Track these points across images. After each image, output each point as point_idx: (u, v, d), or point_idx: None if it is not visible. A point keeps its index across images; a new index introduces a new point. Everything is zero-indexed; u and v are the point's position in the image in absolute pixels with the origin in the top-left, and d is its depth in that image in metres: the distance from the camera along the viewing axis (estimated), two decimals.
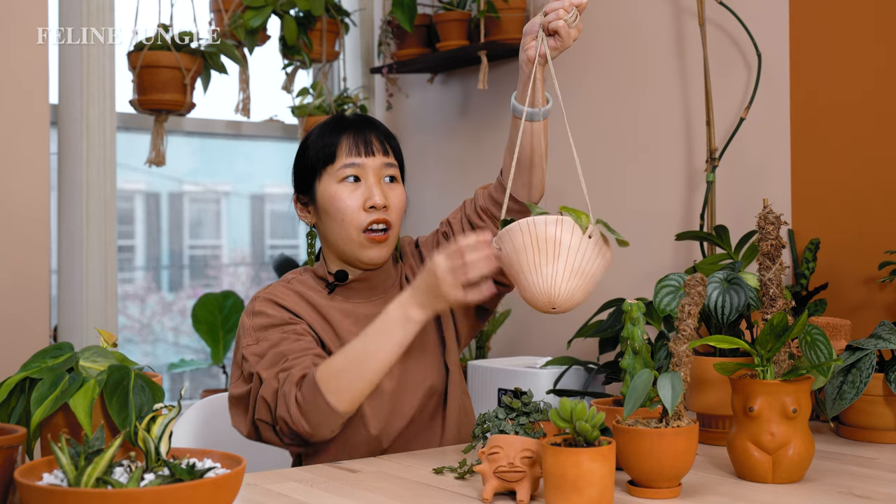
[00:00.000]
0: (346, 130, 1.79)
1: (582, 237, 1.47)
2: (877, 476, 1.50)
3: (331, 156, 1.77)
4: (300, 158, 1.84)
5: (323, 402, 1.59)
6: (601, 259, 1.52)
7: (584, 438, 1.27)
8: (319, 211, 1.80)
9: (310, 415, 1.60)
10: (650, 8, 2.74)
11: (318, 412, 1.60)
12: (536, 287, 1.49)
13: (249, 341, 1.72)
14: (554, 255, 1.46)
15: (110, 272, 2.95)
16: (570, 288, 1.48)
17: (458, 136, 3.37)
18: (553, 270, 1.47)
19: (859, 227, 2.25)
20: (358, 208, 1.75)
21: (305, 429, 1.61)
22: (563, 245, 1.45)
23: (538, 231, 1.47)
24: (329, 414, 1.60)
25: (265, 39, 3.21)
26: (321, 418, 1.60)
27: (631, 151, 2.80)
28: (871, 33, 2.25)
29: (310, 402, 1.60)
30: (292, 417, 1.61)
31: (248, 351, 1.71)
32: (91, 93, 2.92)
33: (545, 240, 1.46)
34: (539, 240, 1.46)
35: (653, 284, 1.82)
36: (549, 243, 1.46)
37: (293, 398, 1.61)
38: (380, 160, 1.78)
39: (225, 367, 3.52)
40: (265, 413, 1.65)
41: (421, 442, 1.81)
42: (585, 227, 1.48)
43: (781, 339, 1.45)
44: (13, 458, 1.14)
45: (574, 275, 1.47)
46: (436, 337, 1.86)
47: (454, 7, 3.21)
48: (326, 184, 1.77)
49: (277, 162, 3.93)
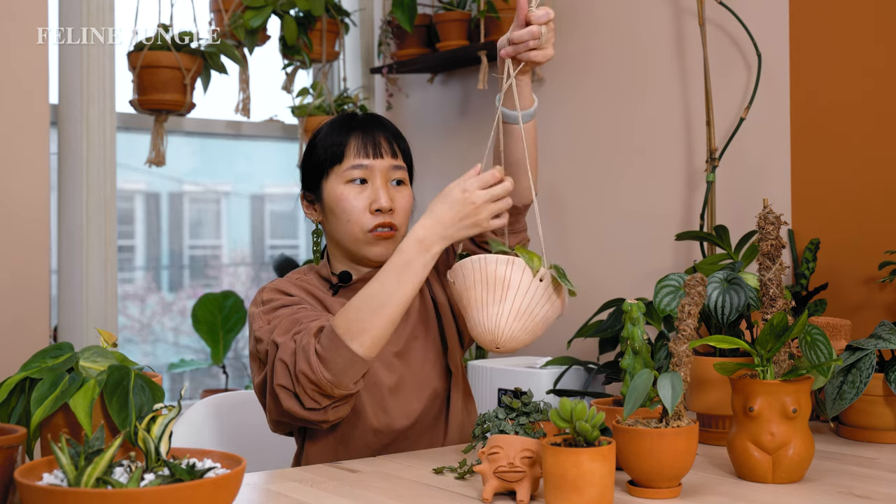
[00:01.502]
0: (356, 130, 1.78)
1: (532, 280, 1.45)
2: (877, 476, 1.50)
3: (339, 155, 1.77)
4: (308, 156, 1.83)
5: (343, 347, 1.54)
6: (550, 305, 1.51)
7: (584, 438, 1.27)
8: (326, 210, 1.80)
9: (331, 363, 1.55)
10: (650, 8, 2.74)
11: (339, 359, 1.54)
12: (482, 325, 1.49)
13: (261, 324, 1.69)
14: (501, 295, 1.45)
15: (110, 272, 2.95)
16: (513, 329, 1.47)
17: (458, 136, 3.37)
18: (499, 310, 1.46)
19: (859, 227, 2.25)
20: (364, 210, 1.74)
21: (328, 378, 1.55)
22: (512, 286, 1.44)
23: (488, 269, 1.46)
24: (351, 360, 1.54)
25: (265, 39, 3.21)
26: (343, 365, 1.55)
27: (631, 151, 2.81)
28: (871, 33, 2.25)
29: (329, 350, 1.55)
30: (313, 369, 1.55)
31: (261, 332, 1.68)
32: (91, 93, 2.92)
33: (494, 279, 1.45)
34: (488, 278, 1.46)
35: (653, 284, 1.82)
36: (497, 283, 1.45)
37: (312, 350, 1.56)
38: (388, 162, 1.77)
39: (225, 366, 3.52)
40: (284, 377, 1.60)
41: (423, 444, 1.81)
42: (537, 270, 1.45)
43: (781, 339, 1.45)
44: (13, 458, 1.14)
45: (519, 316, 1.46)
46: (438, 340, 1.86)
47: (454, 7, 3.21)
48: (333, 184, 1.77)
49: (277, 162, 3.93)
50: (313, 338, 1.59)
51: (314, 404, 1.60)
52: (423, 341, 1.83)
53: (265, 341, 1.66)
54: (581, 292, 2.69)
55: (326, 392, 1.58)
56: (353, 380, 1.58)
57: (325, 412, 1.62)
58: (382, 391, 1.76)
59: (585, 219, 2.91)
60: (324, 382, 1.56)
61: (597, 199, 2.89)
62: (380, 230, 1.75)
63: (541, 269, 1.47)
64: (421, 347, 1.83)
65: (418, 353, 1.82)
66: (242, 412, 2.06)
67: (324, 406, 1.61)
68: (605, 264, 2.85)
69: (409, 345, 1.82)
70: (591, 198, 2.91)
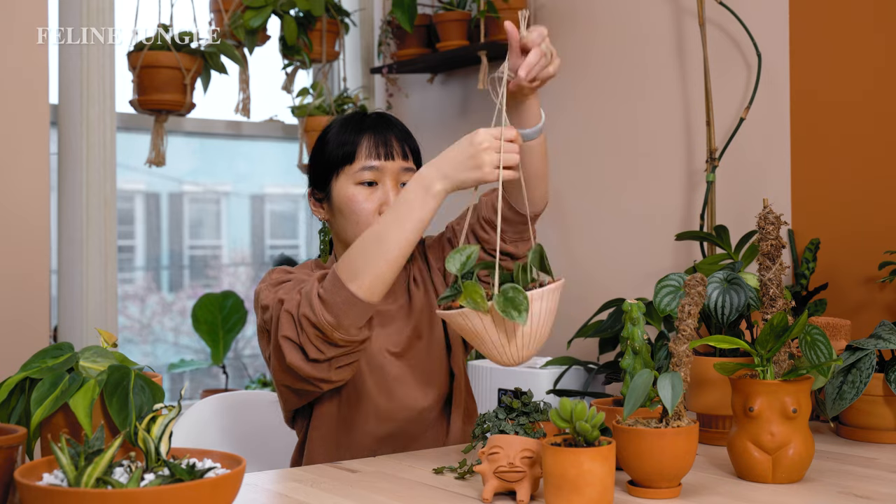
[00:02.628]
0: (367, 131, 1.78)
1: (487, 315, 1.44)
2: (877, 476, 1.50)
3: (350, 155, 1.77)
4: (318, 154, 1.82)
5: (343, 288, 1.53)
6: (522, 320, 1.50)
7: (584, 438, 1.27)
8: (334, 209, 1.79)
9: (332, 305, 1.53)
10: (650, 8, 2.74)
11: (339, 300, 1.53)
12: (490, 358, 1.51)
13: (267, 294, 1.67)
14: (480, 340, 1.47)
15: (110, 272, 2.95)
16: (511, 355, 1.48)
17: (459, 136, 3.33)
18: (488, 350, 1.48)
19: (859, 227, 2.25)
20: (373, 212, 1.74)
21: (328, 319, 1.53)
22: (479, 331, 1.46)
23: (457, 323, 1.48)
24: (350, 300, 1.53)
25: (265, 39, 3.21)
26: (343, 306, 1.53)
27: (631, 152, 2.81)
28: (871, 33, 2.25)
29: (331, 292, 1.54)
30: (314, 311, 1.54)
31: (269, 300, 1.65)
32: (91, 93, 2.92)
33: (464, 330, 1.48)
34: (462, 330, 1.48)
35: (653, 284, 1.82)
36: (468, 332, 1.47)
37: (315, 293, 1.55)
38: (398, 164, 1.77)
39: (225, 366, 3.52)
40: (289, 326, 1.58)
41: (425, 443, 1.81)
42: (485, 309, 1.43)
43: (781, 339, 1.45)
44: (13, 458, 1.14)
45: (505, 347, 1.47)
46: (442, 341, 1.86)
47: (454, 7, 3.21)
48: (343, 184, 1.77)
49: (277, 162, 3.93)
50: (317, 282, 1.58)
51: (318, 354, 1.57)
52: (426, 341, 1.83)
53: (272, 307, 1.64)
54: (581, 292, 2.70)
55: (328, 336, 1.55)
56: (356, 324, 1.55)
57: (329, 366, 1.59)
58: (387, 378, 1.76)
59: (585, 219, 2.91)
60: (325, 325, 1.54)
61: (597, 200, 2.89)
62: None
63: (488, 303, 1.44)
64: (424, 347, 1.83)
65: (421, 353, 1.82)
66: (242, 412, 2.06)
67: (328, 357, 1.58)
68: (605, 264, 2.85)
69: (412, 344, 1.82)
70: (591, 198, 2.91)
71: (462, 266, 1.46)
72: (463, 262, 1.46)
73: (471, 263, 1.46)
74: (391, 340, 1.80)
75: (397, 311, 1.83)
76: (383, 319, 1.81)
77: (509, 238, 1.76)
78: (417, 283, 1.87)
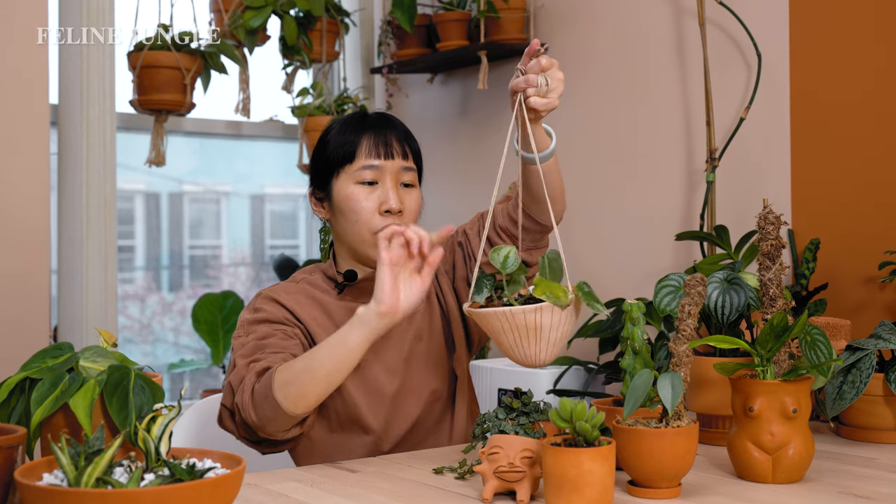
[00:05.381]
0: (367, 130, 1.78)
1: (562, 313, 1.46)
2: (877, 476, 1.50)
3: (350, 155, 1.77)
4: (319, 154, 1.83)
5: (272, 397, 1.56)
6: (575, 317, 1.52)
7: (584, 438, 1.27)
8: (334, 208, 1.79)
9: (258, 407, 1.58)
10: (650, 8, 2.74)
11: (266, 406, 1.57)
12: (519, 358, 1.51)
13: (240, 332, 1.74)
14: (536, 337, 1.47)
15: (110, 272, 2.95)
16: (551, 355, 1.50)
17: (458, 136, 3.37)
18: (536, 349, 1.48)
19: (859, 227, 2.25)
20: (373, 211, 1.74)
21: (253, 419, 1.59)
22: (544, 328, 1.46)
23: (517, 320, 1.46)
24: (276, 411, 1.56)
25: (265, 39, 3.21)
26: (268, 413, 1.57)
27: (631, 151, 2.81)
28: (871, 33, 2.25)
29: (261, 395, 1.58)
30: (244, 406, 1.59)
31: (237, 342, 1.72)
32: (91, 93, 2.92)
33: (525, 327, 1.46)
34: (519, 327, 1.47)
35: (653, 284, 1.82)
36: (529, 329, 1.46)
37: (250, 388, 1.60)
38: (398, 163, 1.77)
39: (225, 367, 3.52)
40: (228, 398, 1.65)
41: (427, 447, 1.81)
42: (564, 304, 1.45)
43: (781, 339, 1.45)
44: (13, 458, 1.14)
45: (555, 344, 1.49)
46: (443, 343, 1.85)
47: (454, 7, 3.21)
48: (343, 183, 1.77)
49: (277, 162, 3.93)
50: (256, 376, 1.62)
51: (247, 435, 1.65)
52: (426, 343, 1.83)
53: (234, 353, 1.70)
54: None
55: (254, 430, 1.62)
56: (281, 429, 1.61)
57: (259, 446, 1.67)
58: (384, 399, 1.76)
59: (586, 219, 2.91)
60: (250, 421, 1.60)
61: (597, 200, 2.89)
62: None
63: (569, 297, 1.46)
64: (424, 350, 1.82)
65: (420, 357, 1.82)
66: None
67: (256, 440, 1.66)
68: (606, 264, 2.85)
69: (414, 347, 1.82)
70: (592, 198, 2.91)
71: (503, 264, 1.48)
72: (502, 261, 1.49)
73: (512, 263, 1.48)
74: (394, 346, 1.80)
75: None
76: None
77: (525, 246, 1.77)
78: None
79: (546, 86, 1.57)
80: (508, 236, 1.78)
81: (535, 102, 1.57)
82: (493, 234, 1.79)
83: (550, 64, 1.58)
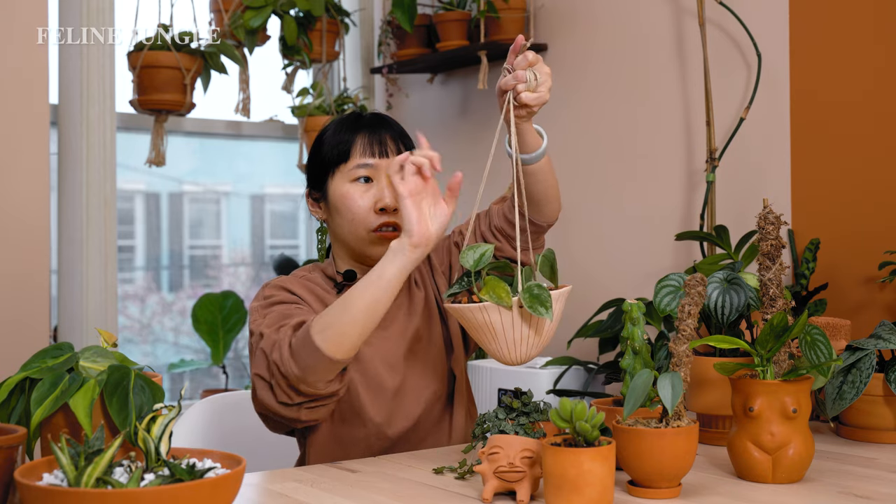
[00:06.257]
0: (362, 130, 1.79)
1: (512, 313, 1.47)
2: (877, 476, 1.50)
3: (345, 154, 1.78)
4: (314, 154, 1.84)
5: (312, 343, 1.54)
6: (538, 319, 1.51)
7: (584, 438, 1.27)
8: (331, 208, 1.80)
9: (298, 357, 1.56)
10: (650, 8, 2.74)
11: (305, 354, 1.55)
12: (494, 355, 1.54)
13: (256, 317, 1.70)
14: (492, 335, 1.49)
15: (110, 272, 2.95)
16: (519, 354, 1.51)
17: (459, 136, 3.37)
18: (497, 346, 1.51)
19: (859, 227, 2.25)
20: (369, 209, 1.75)
21: (294, 371, 1.56)
22: (496, 326, 1.48)
23: (468, 318, 1.50)
24: (316, 356, 1.54)
25: (265, 39, 3.21)
26: (309, 361, 1.55)
27: (631, 151, 2.81)
28: (871, 33, 2.25)
29: (300, 344, 1.56)
30: (283, 361, 1.56)
31: (255, 326, 1.69)
32: (91, 93, 2.92)
33: (478, 324, 1.49)
34: (474, 324, 1.50)
35: (653, 284, 1.82)
36: (482, 327, 1.49)
37: (287, 342, 1.58)
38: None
39: (225, 366, 3.52)
40: (262, 365, 1.61)
41: (427, 447, 1.81)
42: (507, 305, 1.46)
43: (781, 339, 1.45)
44: (13, 458, 1.14)
45: (517, 344, 1.50)
46: (441, 343, 1.86)
47: (454, 7, 3.21)
48: (339, 182, 1.78)
49: (277, 162, 3.93)
50: (291, 330, 1.60)
51: (286, 398, 1.60)
52: (426, 343, 1.83)
53: (254, 335, 1.67)
54: (581, 292, 2.70)
55: (295, 387, 1.58)
56: (322, 378, 1.57)
57: (299, 410, 1.62)
58: (385, 393, 1.76)
59: (585, 219, 2.91)
60: (291, 376, 1.57)
61: (597, 200, 2.90)
62: (384, 230, 1.75)
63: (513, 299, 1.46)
64: (424, 349, 1.83)
65: (420, 357, 1.82)
66: (242, 412, 2.06)
67: (296, 402, 1.61)
68: (605, 264, 2.85)
69: (413, 347, 1.82)
70: (591, 198, 2.91)
71: (476, 262, 1.49)
72: (477, 259, 1.49)
73: (485, 261, 1.49)
74: (395, 343, 1.80)
75: (397, 311, 1.83)
76: (384, 321, 1.80)
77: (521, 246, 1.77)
78: (418, 284, 1.87)
79: (535, 80, 1.57)
80: (504, 236, 1.78)
81: (527, 97, 1.57)
82: (488, 234, 1.80)
83: (536, 59, 1.57)
